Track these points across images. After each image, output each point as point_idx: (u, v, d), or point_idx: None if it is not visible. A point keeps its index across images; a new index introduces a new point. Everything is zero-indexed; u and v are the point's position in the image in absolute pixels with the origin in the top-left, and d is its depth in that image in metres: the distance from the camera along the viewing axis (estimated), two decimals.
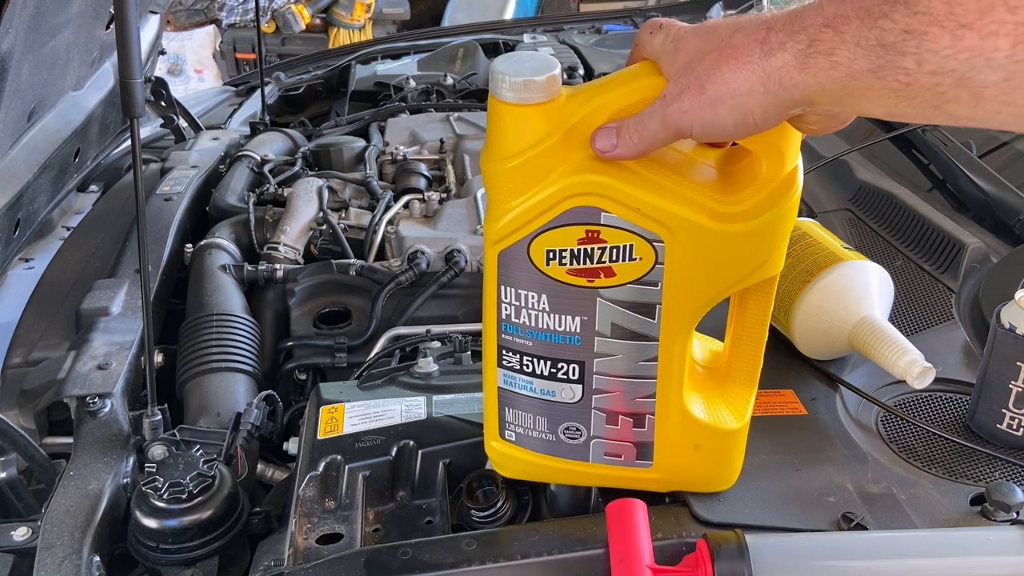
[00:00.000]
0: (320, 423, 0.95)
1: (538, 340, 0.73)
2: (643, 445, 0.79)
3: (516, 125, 0.66)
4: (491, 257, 0.71)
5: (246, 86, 2.74)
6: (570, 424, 0.78)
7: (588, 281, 0.69)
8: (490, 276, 0.72)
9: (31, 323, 1.35)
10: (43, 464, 1.03)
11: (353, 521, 0.84)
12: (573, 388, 0.75)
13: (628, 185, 0.66)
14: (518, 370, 0.76)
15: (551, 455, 0.80)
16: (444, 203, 1.62)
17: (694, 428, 0.78)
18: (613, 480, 0.82)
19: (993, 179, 1.34)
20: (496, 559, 0.76)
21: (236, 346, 1.28)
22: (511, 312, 0.73)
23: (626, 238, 0.67)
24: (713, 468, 0.82)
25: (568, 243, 0.68)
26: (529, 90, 0.64)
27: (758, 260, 0.70)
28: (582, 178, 0.66)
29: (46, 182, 1.51)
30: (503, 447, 0.82)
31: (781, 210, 0.68)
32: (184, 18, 4.96)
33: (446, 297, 1.43)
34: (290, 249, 1.55)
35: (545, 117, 0.65)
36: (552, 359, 0.74)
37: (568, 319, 0.71)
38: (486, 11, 5.07)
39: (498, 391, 0.78)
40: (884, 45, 0.50)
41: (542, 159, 0.66)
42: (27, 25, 1.21)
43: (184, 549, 0.86)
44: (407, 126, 2.01)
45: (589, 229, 0.67)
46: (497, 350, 0.76)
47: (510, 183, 0.67)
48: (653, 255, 0.68)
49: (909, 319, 1.13)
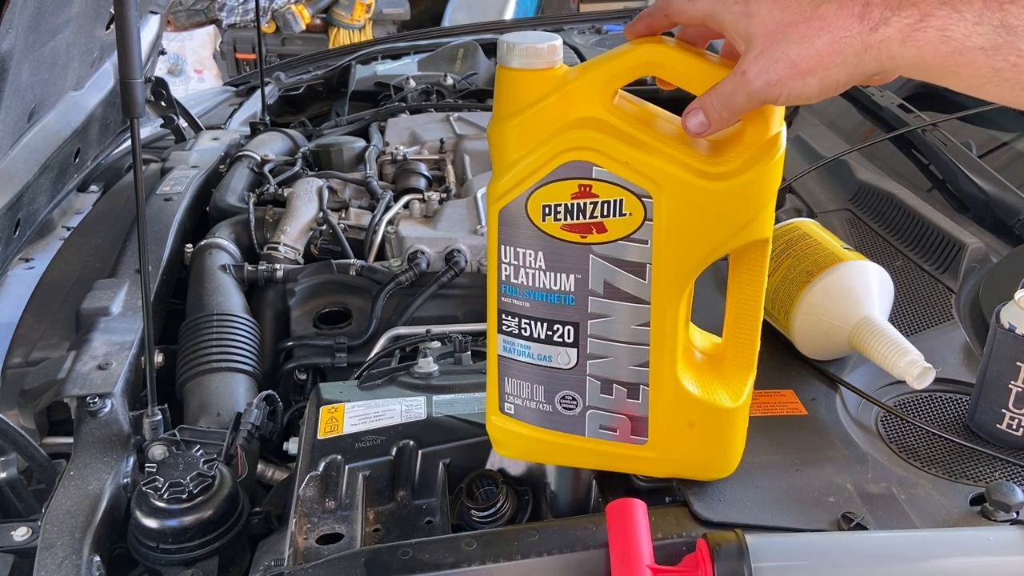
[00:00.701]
0: (320, 423, 0.95)
1: (535, 301, 0.76)
2: (638, 419, 0.79)
3: (517, 87, 0.71)
4: (492, 217, 0.75)
5: (246, 86, 2.74)
6: (566, 393, 0.79)
7: (581, 237, 0.73)
8: (492, 237, 0.76)
9: (31, 323, 1.36)
10: (43, 464, 1.03)
11: (353, 521, 0.84)
12: (568, 352, 0.78)
13: (618, 140, 0.70)
14: (516, 334, 0.78)
15: (548, 428, 0.81)
16: (444, 203, 1.62)
17: (688, 403, 0.78)
18: (609, 459, 0.82)
19: (993, 179, 1.34)
20: (496, 559, 0.76)
21: (236, 346, 1.28)
22: (510, 272, 0.76)
23: (616, 192, 0.71)
24: (710, 451, 0.82)
25: (562, 198, 0.72)
26: (530, 56, 0.70)
27: (743, 218, 0.72)
28: (576, 133, 0.70)
29: (46, 182, 1.51)
30: (502, 422, 0.83)
31: (763, 169, 0.70)
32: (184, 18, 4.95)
33: (446, 297, 1.43)
34: (290, 249, 1.56)
35: (544, 81, 0.71)
36: (548, 320, 0.77)
37: (563, 277, 0.75)
38: (486, 11, 5.08)
39: (498, 360, 0.81)
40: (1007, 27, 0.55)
41: (539, 116, 0.71)
42: (27, 25, 1.21)
43: (184, 549, 0.86)
44: (407, 126, 2.01)
45: (582, 183, 0.71)
46: (498, 315, 0.79)
47: (510, 140, 0.72)
48: (642, 211, 0.71)
49: (909, 319, 1.14)
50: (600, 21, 3.00)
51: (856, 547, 0.74)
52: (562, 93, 0.71)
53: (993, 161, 1.44)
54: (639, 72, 0.70)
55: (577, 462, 0.85)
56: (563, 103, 0.71)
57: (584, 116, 0.71)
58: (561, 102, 0.71)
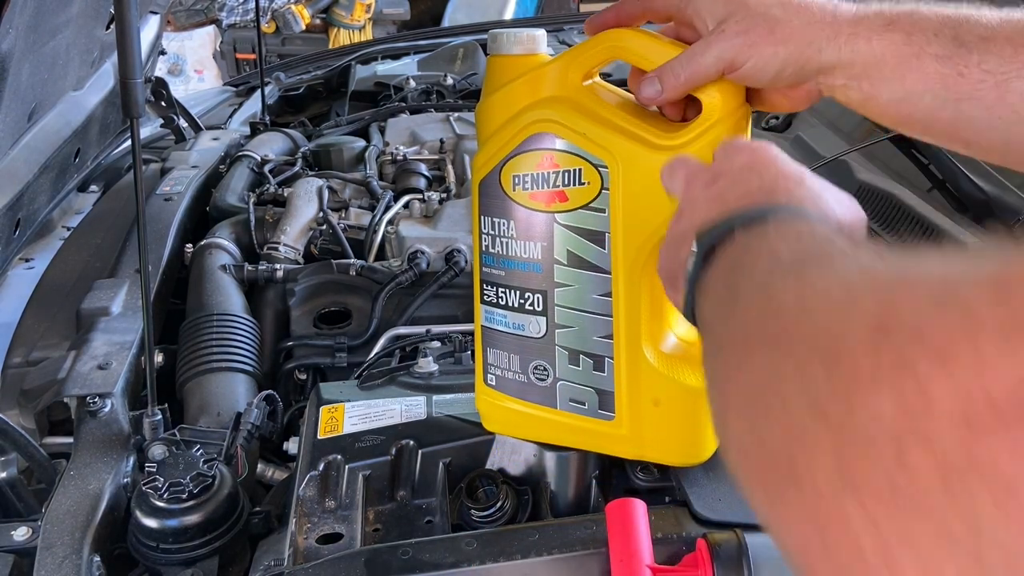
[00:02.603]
0: (320, 423, 0.95)
1: (509, 269, 0.82)
2: (604, 393, 0.81)
3: (496, 70, 0.80)
4: (475, 188, 0.82)
5: (246, 86, 2.74)
6: (538, 363, 0.83)
7: (546, 204, 0.78)
8: (474, 209, 0.83)
9: (31, 323, 1.36)
10: (43, 464, 1.03)
11: (353, 521, 0.84)
12: (539, 321, 0.82)
13: (578, 114, 0.75)
14: (495, 303, 0.84)
15: (523, 399, 0.85)
16: (444, 203, 1.62)
17: (651, 377, 0.79)
18: (581, 435, 0.84)
19: (993, 179, 1.35)
20: (496, 559, 0.76)
21: (236, 346, 1.28)
22: (489, 242, 0.82)
23: (575, 162, 0.76)
24: (678, 433, 0.82)
25: (529, 168, 0.78)
26: (509, 43, 0.78)
27: None
28: (540, 108, 0.76)
29: (46, 182, 1.51)
30: (486, 394, 0.87)
31: (712, 138, 0.72)
32: (184, 18, 4.96)
33: (446, 297, 1.43)
34: (290, 249, 1.56)
35: (521, 65, 0.78)
36: (520, 288, 0.82)
37: (531, 245, 0.80)
38: (486, 11, 5.08)
39: (482, 331, 0.86)
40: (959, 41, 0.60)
41: (513, 93, 0.78)
42: (27, 25, 1.21)
43: (184, 549, 0.86)
44: (407, 126, 2.01)
45: (545, 154, 0.77)
46: (480, 286, 0.84)
47: (488, 115, 0.80)
48: (599, 180, 0.75)
49: None
50: None
51: None
52: (533, 74, 0.77)
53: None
54: (605, 55, 0.75)
55: (552, 437, 0.87)
56: (534, 83, 0.77)
57: (552, 94, 0.76)
58: (533, 81, 0.77)
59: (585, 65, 0.76)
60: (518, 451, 0.90)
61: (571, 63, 0.76)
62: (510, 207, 0.79)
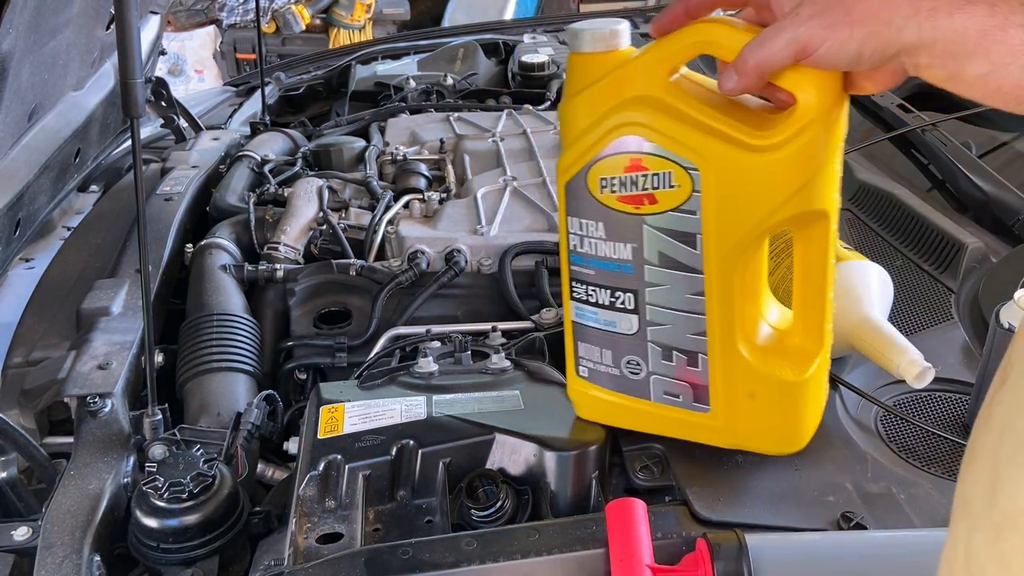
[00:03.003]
0: (320, 423, 0.95)
1: (598, 269, 0.82)
2: (699, 387, 0.82)
3: (578, 69, 0.78)
4: (560, 189, 0.82)
5: (246, 86, 2.74)
6: (630, 357, 0.84)
7: (635, 207, 0.77)
8: (561, 209, 0.83)
9: (31, 323, 1.35)
10: (43, 464, 1.03)
11: (353, 521, 0.84)
12: (630, 319, 0.82)
13: (666, 116, 0.73)
14: (584, 300, 0.84)
15: (617, 391, 0.86)
16: (444, 203, 1.61)
17: (746, 373, 0.80)
18: (676, 425, 0.85)
19: (993, 179, 1.35)
20: (496, 559, 0.76)
21: (236, 346, 1.28)
22: (577, 242, 0.82)
23: (665, 165, 0.74)
24: (774, 424, 0.83)
25: (617, 171, 0.76)
26: (591, 40, 0.76)
27: (788, 190, 0.73)
28: (628, 110, 0.74)
29: (46, 182, 1.51)
30: (578, 384, 0.89)
31: (807, 140, 0.71)
32: (184, 18, 4.96)
33: (446, 297, 1.43)
34: (290, 249, 1.55)
35: (605, 63, 0.76)
36: (611, 288, 0.82)
37: (621, 246, 0.79)
38: (486, 11, 5.07)
39: (572, 326, 0.86)
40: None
41: (598, 94, 0.76)
42: (27, 25, 1.21)
43: (184, 549, 0.86)
44: (407, 126, 2.01)
45: (633, 157, 0.75)
46: (569, 284, 0.84)
47: (573, 116, 0.79)
48: (690, 183, 0.74)
49: (909, 319, 1.14)
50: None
51: (856, 547, 0.74)
52: (619, 73, 0.76)
53: (993, 161, 1.44)
54: (693, 50, 0.73)
55: (647, 427, 0.88)
56: (619, 82, 0.76)
57: (638, 94, 0.75)
58: (618, 81, 0.76)
59: (670, 62, 0.75)
60: (518, 451, 0.90)
61: (656, 61, 0.75)
62: (598, 209, 0.79)
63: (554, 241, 1.43)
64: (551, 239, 1.45)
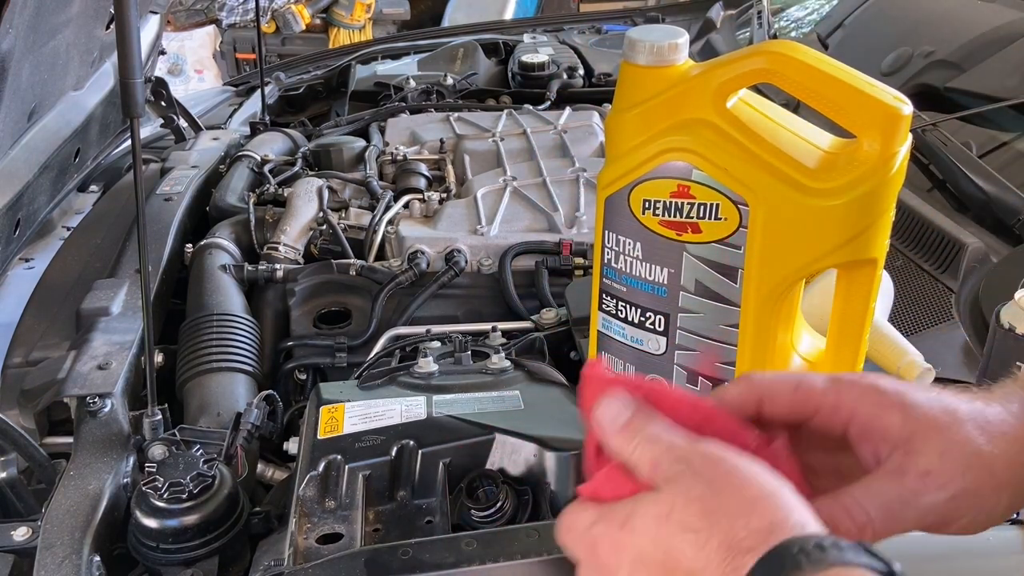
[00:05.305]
0: (320, 423, 0.95)
1: (631, 287, 0.80)
2: None
3: (632, 81, 0.74)
4: (600, 202, 0.79)
5: (246, 86, 2.74)
6: (655, 376, 0.82)
7: (677, 234, 0.75)
8: (598, 220, 0.80)
9: (31, 323, 1.36)
10: (43, 464, 1.03)
11: (353, 521, 0.84)
12: (659, 339, 0.81)
13: (720, 145, 0.70)
14: (613, 314, 0.82)
15: None
16: (444, 203, 1.61)
17: None
18: None
19: (993, 179, 1.34)
20: (496, 559, 0.76)
21: (236, 346, 1.28)
22: (612, 257, 0.80)
23: (713, 196, 0.71)
24: None
25: (662, 195, 0.74)
26: (649, 53, 0.72)
27: (843, 237, 0.70)
28: (679, 134, 0.71)
29: (46, 182, 1.51)
30: None
31: (870, 189, 0.68)
32: (184, 18, 4.96)
33: (446, 297, 1.43)
34: (290, 249, 1.56)
35: (659, 78, 0.72)
36: (642, 307, 0.80)
37: (657, 269, 0.77)
38: (486, 11, 5.07)
39: (598, 335, 0.85)
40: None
41: (651, 112, 0.72)
42: (27, 25, 1.21)
43: (184, 549, 0.86)
44: (407, 126, 2.01)
45: (681, 184, 0.72)
46: (599, 294, 0.83)
47: (622, 132, 0.75)
48: (738, 217, 0.71)
49: (909, 319, 1.14)
50: (600, 21, 2.99)
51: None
52: (675, 92, 0.72)
53: (993, 161, 1.44)
54: (755, 78, 0.70)
55: None
56: (675, 102, 0.72)
57: (692, 117, 0.71)
58: (673, 101, 0.72)
59: (732, 87, 0.71)
60: (518, 451, 0.90)
61: (716, 83, 0.70)
62: (638, 230, 0.76)
63: (554, 241, 1.43)
64: (551, 239, 1.45)
